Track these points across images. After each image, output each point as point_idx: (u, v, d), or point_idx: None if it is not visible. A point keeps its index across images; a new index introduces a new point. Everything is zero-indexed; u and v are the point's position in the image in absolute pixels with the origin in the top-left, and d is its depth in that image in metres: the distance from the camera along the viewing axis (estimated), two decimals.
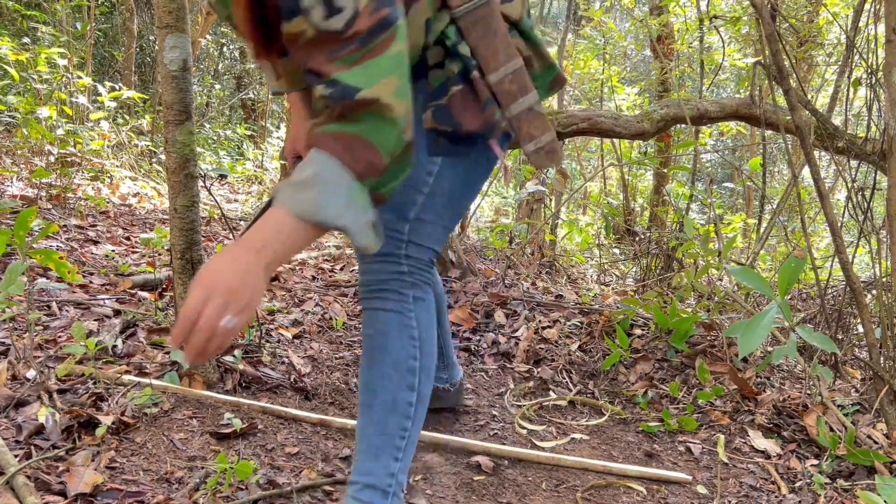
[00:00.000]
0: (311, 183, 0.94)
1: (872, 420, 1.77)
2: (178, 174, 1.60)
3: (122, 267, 2.62)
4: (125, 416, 1.44)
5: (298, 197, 0.93)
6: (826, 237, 5.78)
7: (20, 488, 1.13)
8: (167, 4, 1.55)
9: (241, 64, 11.01)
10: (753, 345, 1.33)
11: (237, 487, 1.27)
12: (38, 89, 4.43)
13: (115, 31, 8.89)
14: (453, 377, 1.82)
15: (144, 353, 1.84)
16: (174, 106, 1.57)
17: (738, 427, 1.86)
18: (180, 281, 1.65)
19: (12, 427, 1.35)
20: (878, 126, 2.27)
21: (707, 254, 2.34)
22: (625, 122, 3.00)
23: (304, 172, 0.94)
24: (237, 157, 8.58)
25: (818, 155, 3.54)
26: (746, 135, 6.50)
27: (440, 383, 1.79)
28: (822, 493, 1.51)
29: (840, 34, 4.39)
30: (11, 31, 6.28)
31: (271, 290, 2.85)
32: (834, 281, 2.66)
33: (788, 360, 2.31)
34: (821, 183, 1.87)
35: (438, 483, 1.46)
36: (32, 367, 1.56)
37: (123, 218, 3.85)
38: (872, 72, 2.21)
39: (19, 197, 3.48)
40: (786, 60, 2.20)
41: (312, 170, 0.94)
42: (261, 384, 1.83)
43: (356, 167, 0.95)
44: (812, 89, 5.41)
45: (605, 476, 1.57)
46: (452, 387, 1.83)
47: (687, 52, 5.52)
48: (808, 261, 2.09)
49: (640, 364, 2.27)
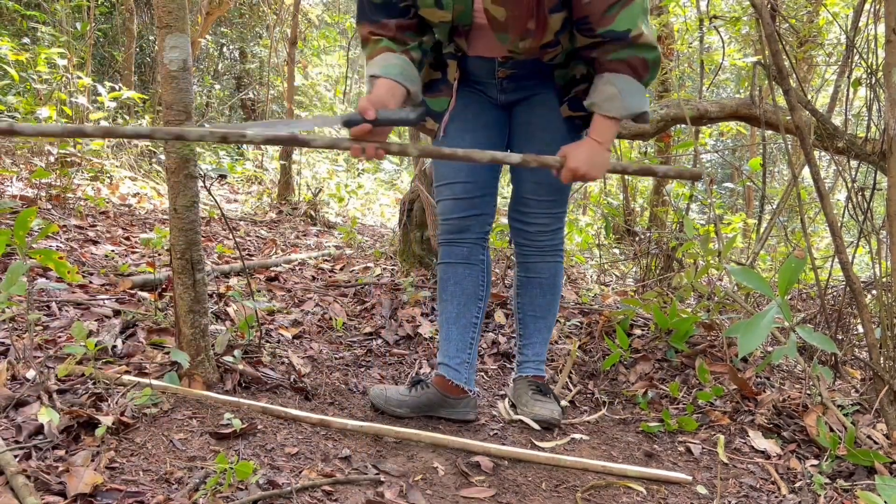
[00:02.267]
0: (617, 96, 1.53)
1: (872, 420, 1.77)
2: (178, 174, 1.60)
3: (122, 267, 2.62)
4: (125, 417, 1.44)
5: (615, 105, 1.53)
6: (826, 237, 5.78)
7: (20, 488, 1.13)
8: (167, 4, 1.55)
9: (240, 64, 11.02)
10: (753, 345, 1.33)
11: (237, 487, 1.27)
12: (37, 89, 4.43)
13: (114, 31, 8.88)
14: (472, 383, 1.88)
15: (144, 354, 1.84)
16: (174, 106, 1.57)
17: (738, 427, 1.85)
18: (180, 281, 1.65)
19: (12, 427, 1.35)
20: (878, 126, 2.27)
21: (707, 254, 2.34)
22: (625, 122, 3.00)
23: (609, 90, 1.53)
24: (237, 157, 8.58)
25: (818, 155, 3.54)
26: (746, 135, 6.49)
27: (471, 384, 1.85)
28: (822, 494, 1.51)
29: (840, 34, 4.39)
30: (11, 31, 6.28)
31: (271, 291, 2.85)
32: (834, 281, 2.66)
33: (788, 361, 2.30)
34: (821, 183, 1.87)
35: (438, 483, 1.46)
36: (32, 368, 1.56)
37: (123, 218, 3.85)
38: (872, 72, 2.21)
39: (19, 197, 3.48)
40: (786, 60, 2.20)
41: (614, 88, 1.53)
42: (261, 384, 1.83)
43: (637, 75, 1.53)
44: (812, 89, 5.41)
45: (604, 476, 1.57)
46: (472, 392, 1.85)
47: (687, 52, 5.52)
48: (808, 261, 2.09)
49: (640, 364, 2.27)
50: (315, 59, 9.89)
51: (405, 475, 1.47)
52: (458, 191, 1.79)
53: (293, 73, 6.15)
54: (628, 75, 1.53)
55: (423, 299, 2.79)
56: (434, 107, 1.79)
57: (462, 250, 1.84)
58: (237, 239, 2.09)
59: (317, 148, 1.59)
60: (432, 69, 1.76)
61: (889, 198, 1.69)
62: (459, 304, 1.83)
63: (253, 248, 3.97)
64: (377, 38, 1.58)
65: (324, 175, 8.01)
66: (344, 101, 10.53)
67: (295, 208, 5.85)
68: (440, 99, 1.78)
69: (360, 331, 2.55)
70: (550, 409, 1.83)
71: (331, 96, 10.12)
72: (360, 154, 1.37)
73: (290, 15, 6.89)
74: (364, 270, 3.41)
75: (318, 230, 5.21)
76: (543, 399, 1.86)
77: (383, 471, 1.47)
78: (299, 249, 4.11)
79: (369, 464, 1.50)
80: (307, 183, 7.14)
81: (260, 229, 4.72)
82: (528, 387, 1.90)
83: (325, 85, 10.09)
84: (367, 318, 2.67)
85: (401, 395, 1.82)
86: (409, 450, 1.60)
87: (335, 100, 10.21)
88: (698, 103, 3.06)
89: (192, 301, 1.65)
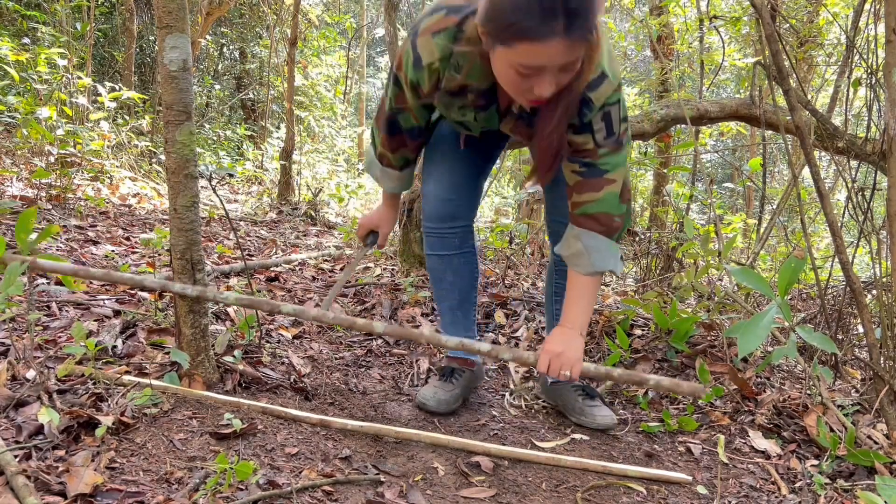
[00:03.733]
0: (584, 253, 1.56)
1: (872, 420, 1.77)
2: (178, 174, 1.60)
3: (122, 267, 2.62)
4: (125, 417, 1.44)
5: (582, 261, 1.57)
6: (826, 237, 5.78)
7: (20, 488, 1.13)
8: (167, 4, 1.55)
9: (240, 64, 11.02)
10: (753, 345, 1.33)
11: (237, 488, 1.27)
12: (38, 89, 4.43)
13: (114, 31, 8.89)
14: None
15: (144, 354, 1.84)
16: (174, 106, 1.57)
17: (739, 427, 1.85)
18: (180, 281, 1.65)
19: (12, 427, 1.35)
20: (878, 126, 2.27)
21: (707, 254, 2.34)
22: None
23: (577, 245, 1.57)
24: (237, 158, 8.58)
25: (818, 155, 3.54)
26: (746, 135, 6.50)
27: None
28: (823, 494, 1.51)
29: (840, 34, 4.39)
30: (11, 31, 6.28)
31: (271, 291, 2.86)
32: (834, 281, 2.66)
33: (788, 361, 2.30)
34: (821, 183, 1.87)
35: (438, 483, 1.46)
36: (32, 368, 1.56)
37: (123, 218, 3.85)
38: (872, 72, 2.21)
39: (19, 197, 3.48)
40: (786, 61, 2.20)
41: (580, 244, 1.57)
42: (261, 384, 1.83)
43: (606, 232, 1.56)
44: (812, 89, 5.41)
45: (605, 476, 1.57)
46: (477, 361, 2.03)
47: (687, 52, 5.52)
48: (808, 261, 2.09)
49: (640, 364, 2.27)
50: (315, 59, 9.89)
51: (405, 475, 1.47)
52: (445, 179, 1.84)
53: (293, 73, 6.15)
54: (597, 232, 1.56)
55: (423, 299, 2.79)
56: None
57: (454, 241, 1.88)
58: (238, 239, 2.09)
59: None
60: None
61: (889, 198, 1.68)
62: (462, 291, 1.95)
63: (253, 249, 3.97)
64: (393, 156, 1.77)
65: (324, 175, 8.02)
66: (344, 100, 10.53)
67: (295, 208, 5.85)
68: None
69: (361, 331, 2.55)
70: (607, 415, 1.86)
71: (331, 96, 10.11)
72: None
73: (290, 15, 6.89)
74: (364, 270, 3.41)
75: (318, 230, 5.21)
76: (595, 404, 1.90)
77: (383, 471, 1.47)
78: (299, 250, 4.11)
79: (369, 464, 1.50)
80: (307, 183, 7.14)
81: (260, 229, 4.73)
82: (574, 392, 1.91)
83: (325, 85, 10.09)
84: (367, 319, 2.67)
85: (448, 391, 1.90)
86: (410, 450, 1.60)
87: (335, 100, 10.21)
88: (698, 103, 3.06)
89: (192, 301, 1.65)
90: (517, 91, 1.35)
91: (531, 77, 1.28)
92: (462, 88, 1.52)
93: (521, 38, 1.22)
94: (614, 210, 1.56)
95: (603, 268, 1.57)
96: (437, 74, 1.51)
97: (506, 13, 1.22)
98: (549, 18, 1.18)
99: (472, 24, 1.40)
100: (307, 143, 9.11)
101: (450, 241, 1.89)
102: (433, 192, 1.85)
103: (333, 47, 10.25)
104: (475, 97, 1.53)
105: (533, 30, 1.20)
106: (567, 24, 1.18)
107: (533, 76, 1.28)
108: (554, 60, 1.25)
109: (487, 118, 1.60)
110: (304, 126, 9.15)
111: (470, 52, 1.44)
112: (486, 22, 1.28)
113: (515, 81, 1.31)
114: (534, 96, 1.33)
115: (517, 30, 1.21)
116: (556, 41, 1.20)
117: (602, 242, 1.56)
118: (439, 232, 1.88)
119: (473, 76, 1.49)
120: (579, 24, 1.19)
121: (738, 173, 8.77)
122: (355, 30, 9.32)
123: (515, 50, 1.24)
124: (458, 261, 1.91)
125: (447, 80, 1.51)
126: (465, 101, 1.55)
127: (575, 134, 1.50)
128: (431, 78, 1.51)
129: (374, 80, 14.04)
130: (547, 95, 1.31)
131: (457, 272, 1.92)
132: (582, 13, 1.19)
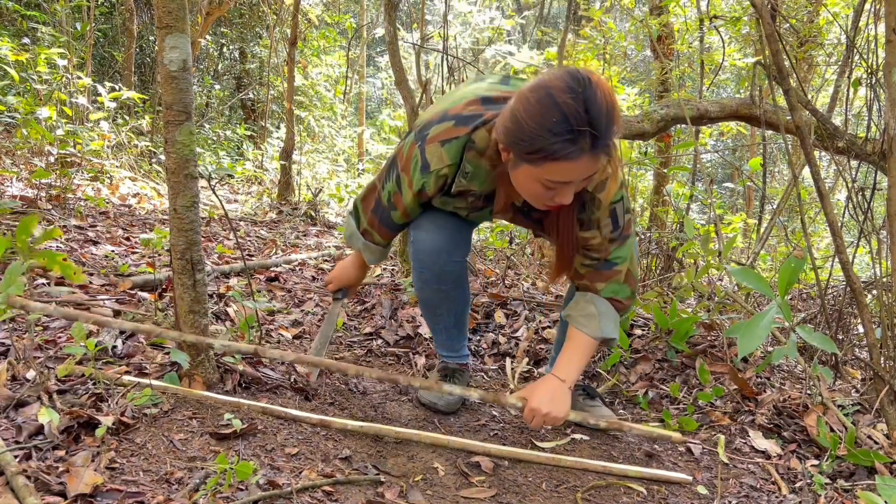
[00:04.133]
0: (596, 316, 1.63)
1: (873, 420, 1.77)
2: (178, 174, 1.59)
3: (122, 267, 2.61)
4: (125, 417, 1.44)
5: (592, 323, 1.62)
6: (826, 237, 5.78)
7: (20, 489, 1.13)
8: (167, 4, 1.54)
9: (240, 64, 11.02)
10: (753, 345, 1.33)
11: (237, 488, 1.27)
12: (37, 90, 4.43)
13: (114, 31, 8.88)
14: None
15: (144, 354, 1.84)
16: (174, 106, 1.57)
17: (739, 427, 1.85)
18: (180, 281, 1.64)
19: (12, 428, 1.35)
20: (878, 126, 2.26)
21: (707, 254, 2.34)
22: (625, 122, 3.00)
23: (590, 308, 1.63)
24: (237, 158, 8.58)
25: (818, 155, 3.54)
26: (746, 135, 6.50)
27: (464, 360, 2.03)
28: (823, 494, 1.51)
29: (840, 34, 4.39)
30: (11, 31, 6.28)
31: (271, 291, 2.85)
32: (834, 281, 2.66)
33: (789, 361, 2.30)
34: (821, 183, 1.87)
35: (438, 483, 1.46)
36: (32, 368, 1.56)
37: (123, 218, 3.84)
38: (872, 72, 2.21)
39: (19, 197, 3.48)
40: (786, 60, 2.19)
41: (594, 308, 1.63)
42: (261, 385, 1.83)
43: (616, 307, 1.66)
44: (812, 89, 5.41)
45: (605, 476, 1.57)
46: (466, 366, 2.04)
47: (687, 52, 5.52)
48: (809, 261, 2.09)
49: (640, 364, 2.27)
50: (315, 59, 9.89)
51: (405, 475, 1.47)
52: (437, 224, 1.74)
53: (293, 73, 6.15)
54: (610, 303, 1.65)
55: None
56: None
57: (453, 270, 1.78)
58: (238, 239, 2.09)
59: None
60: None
61: (889, 198, 1.68)
62: (458, 314, 1.92)
63: (253, 249, 3.97)
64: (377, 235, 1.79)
65: (324, 175, 8.02)
66: (343, 100, 10.53)
67: (295, 208, 5.85)
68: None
69: (361, 331, 2.55)
70: (608, 415, 1.88)
71: (331, 96, 10.11)
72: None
73: (290, 15, 6.88)
74: None
75: (318, 230, 5.21)
76: (595, 404, 1.92)
77: (383, 471, 1.47)
78: (299, 250, 4.11)
79: (369, 464, 1.50)
80: (307, 183, 7.14)
81: (260, 229, 4.72)
82: (574, 392, 1.91)
83: (325, 85, 10.09)
84: (367, 319, 2.67)
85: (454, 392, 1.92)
86: (410, 450, 1.60)
87: (335, 100, 10.21)
88: (698, 103, 3.06)
89: (192, 301, 1.65)
90: (537, 199, 1.42)
91: (555, 189, 1.35)
92: (464, 192, 1.60)
93: (551, 159, 1.28)
94: (620, 294, 1.66)
95: (608, 335, 1.62)
96: (445, 179, 1.58)
97: (533, 137, 1.28)
98: (577, 139, 1.25)
99: (483, 136, 1.49)
100: (307, 143, 9.11)
101: (450, 270, 1.78)
102: (425, 236, 1.74)
103: (333, 47, 10.24)
104: (475, 199, 1.63)
105: (562, 152, 1.27)
106: (593, 142, 1.26)
107: (557, 188, 1.35)
108: (580, 175, 1.33)
109: (480, 215, 1.72)
110: (304, 126, 9.15)
111: (480, 162, 1.53)
112: (512, 143, 1.34)
113: (538, 193, 1.38)
114: (554, 203, 1.41)
115: (547, 152, 1.28)
116: (584, 159, 1.28)
117: (612, 312, 1.64)
118: (436, 267, 1.76)
119: (478, 182, 1.57)
120: (603, 141, 1.27)
121: (739, 173, 8.77)
122: (355, 30, 9.31)
123: (543, 168, 1.31)
124: (453, 292, 1.84)
125: (455, 185, 1.58)
126: (465, 203, 1.64)
127: (582, 230, 1.57)
128: (438, 182, 1.58)
129: (373, 79, 14.04)
130: (568, 203, 1.39)
131: (453, 300, 1.86)
132: (606, 131, 1.26)
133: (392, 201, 1.70)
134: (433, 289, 1.81)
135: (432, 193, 1.62)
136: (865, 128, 2.45)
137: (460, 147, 1.52)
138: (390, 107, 12.24)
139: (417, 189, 1.61)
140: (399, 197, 1.67)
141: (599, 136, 1.26)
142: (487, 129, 1.49)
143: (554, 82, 1.27)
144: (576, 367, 1.61)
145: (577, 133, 1.25)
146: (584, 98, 1.24)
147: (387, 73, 12.16)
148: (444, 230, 1.72)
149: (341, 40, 10.23)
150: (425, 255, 1.75)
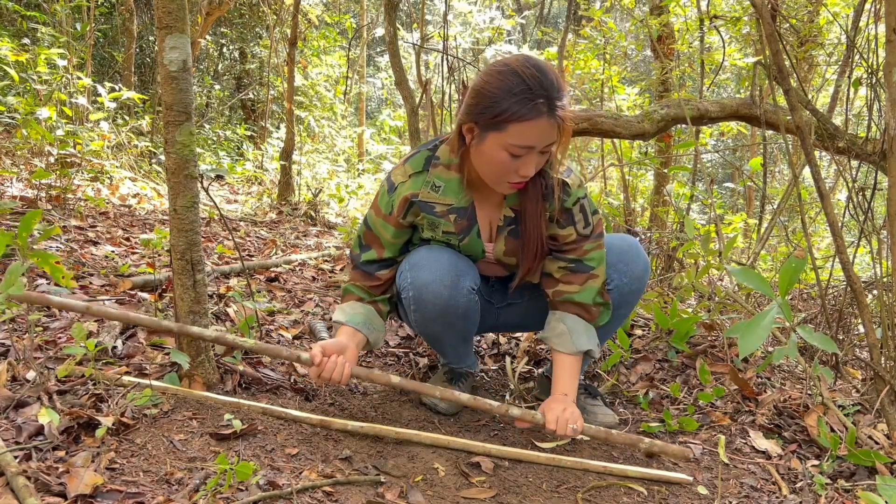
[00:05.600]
0: (567, 333, 1.70)
1: (873, 420, 1.77)
2: (178, 175, 1.59)
3: (122, 268, 2.61)
4: (125, 418, 1.44)
5: (564, 341, 1.69)
6: (827, 237, 5.78)
7: (20, 489, 1.13)
8: (167, 5, 1.54)
9: (240, 64, 11.02)
10: (754, 345, 1.33)
11: (237, 488, 1.27)
12: (37, 90, 4.42)
13: (114, 31, 8.88)
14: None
15: (144, 355, 1.84)
16: (174, 106, 1.57)
17: (739, 428, 1.85)
18: (180, 282, 1.64)
19: (12, 428, 1.35)
20: (879, 126, 2.26)
21: (708, 254, 2.34)
22: (625, 122, 3.00)
23: (560, 327, 1.71)
24: (237, 158, 8.58)
25: (819, 155, 3.54)
26: (747, 135, 6.49)
27: (474, 368, 2.03)
28: (823, 494, 1.51)
29: (840, 34, 4.39)
30: (11, 31, 6.28)
31: (271, 291, 2.85)
32: (835, 281, 2.66)
33: (789, 361, 2.30)
34: (821, 183, 1.87)
35: (439, 483, 1.46)
36: (32, 369, 1.56)
37: (123, 219, 3.84)
38: (872, 72, 2.21)
39: (19, 198, 3.48)
40: (786, 60, 2.19)
41: (564, 326, 1.70)
42: (261, 385, 1.83)
43: (586, 317, 1.72)
44: (812, 89, 5.41)
45: (605, 477, 1.57)
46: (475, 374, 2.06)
47: (687, 52, 5.52)
48: (809, 261, 2.09)
49: (640, 364, 2.27)
50: (315, 59, 9.88)
51: (406, 476, 1.47)
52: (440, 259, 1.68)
53: (293, 74, 6.15)
54: (577, 316, 1.71)
55: None
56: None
57: (459, 303, 1.67)
58: (237, 240, 2.09)
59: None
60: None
61: (889, 198, 1.68)
62: (467, 335, 1.86)
63: (253, 249, 3.97)
64: (357, 287, 1.74)
65: (324, 175, 8.01)
66: (344, 101, 10.52)
67: (295, 209, 5.85)
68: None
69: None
70: (609, 414, 1.89)
71: (331, 96, 10.11)
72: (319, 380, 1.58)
73: (290, 15, 6.88)
74: None
75: (318, 230, 5.21)
76: (597, 403, 1.93)
77: (384, 471, 1.47)
78: (299, 250, 4.11)
79: (370, 464, 1.50)
80: (307, 183, 7.14)
81: (260, 230, 4.72)
82: (577, 391, 1.90)
83: (325, 85, 10.08)
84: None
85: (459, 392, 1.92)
86: (410, 450, 1.60)
87: (335, 100, 10.21)
88: (699, 103, 3.06)
89: (192, 302, 1.65)
90: (504, 174, 1.49)
91: (519, 158, 1.45)
92: (444, 211, 1.66)
93: (514, 120, 1.41)
94: (593, 301, 1.71)
95: (582, 348, 1.69)
96: (409, 192, 1.65)
97: (496, 100, 1.42)
98: (536, 100, 1.40)
99: (444, 150, 1.63)
100: (307, 143, 9.11)
101: (457, 302, 1.67)
102: (427, 276, 1.65)
103: (333, 47, 10.24)
104: (457, 217, 1.67)
105: (523, 110, 1.40)
106: (549, 105, 1.40)
107: (520, 157, 1.45)
108: (541, 140, 1.44)
109: (471, 244, 1.72)
110: (304, 126, 9.14)
111: (449, 175, 1.63)
112: (477, 115, 1.47)
113: (504, 164, 1.47)
114: (518, 178, 1.50)
115: (510, 112, 1.41)
116: (542, 120, 1.41)
117: (581, 325, 1.71)
118: (440, 301, 1.66)
119: (453, 194, 1.64)
120: (557, 105, 1.41)
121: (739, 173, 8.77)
122: (355, 30, 9.31)
123: (508, 132, 1.43)
124: (462, 323, 1.74)
125: (424, 195, 1.65)
126: (450, 226, 1.68)
127: (560, 227, 1.67)
128: (401, 198, 1.66)
129: (373, 80, 14.04)
130: (531, 175, 1.49)
131: (466, 321, 1.75)
132: (557, 96, 1.41)
133: (364, 243, 1.74)
134: (440, 323, 1.72)
135: (399, 210, 1.66)
136: (866, 128, 2.45)
137: (423, 159, 1.66)
138: (390, 107, 12.24)
139: (386, 212, 1.68)
140: (370, 234, 1.73)
141: (556, 99, 1.41)
142: (447, 144, 1.63)
143: (509, 59, 1.46)
144: (570, 382, 1.69)
145: (536, 94, 1.40)
146: (537, 69, 1.41)
147: (387, 73, 12.16)
148: (440, 261, 1.66)
149: (341, 40, 10.23)
150: (425, 288, 1.65)
